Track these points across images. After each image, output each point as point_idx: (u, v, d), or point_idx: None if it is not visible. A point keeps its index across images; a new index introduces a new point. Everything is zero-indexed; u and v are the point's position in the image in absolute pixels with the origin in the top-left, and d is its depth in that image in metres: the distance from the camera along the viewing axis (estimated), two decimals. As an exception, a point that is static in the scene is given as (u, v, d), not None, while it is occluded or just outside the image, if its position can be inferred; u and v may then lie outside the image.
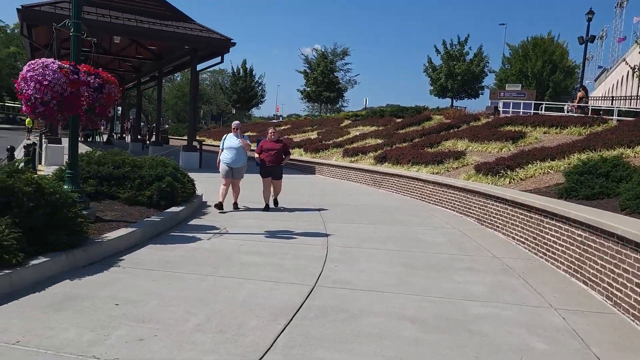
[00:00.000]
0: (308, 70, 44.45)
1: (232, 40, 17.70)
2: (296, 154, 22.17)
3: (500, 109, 26.29)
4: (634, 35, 51.49)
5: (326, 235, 7.61)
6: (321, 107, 47.59)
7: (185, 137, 40.39)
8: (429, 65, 39.41)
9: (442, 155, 14.33)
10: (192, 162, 18.18)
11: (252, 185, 11.47)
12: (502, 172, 11.00)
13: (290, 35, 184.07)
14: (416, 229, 8.55)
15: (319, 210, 10.08)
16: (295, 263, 5.84)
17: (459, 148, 15.74)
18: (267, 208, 9.92)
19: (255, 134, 32.30)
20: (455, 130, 19.07)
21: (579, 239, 5.70)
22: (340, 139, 23.30)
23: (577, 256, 5.71)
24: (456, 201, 10.57)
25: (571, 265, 5.84)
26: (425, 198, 12.24)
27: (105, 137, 34.82)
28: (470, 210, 9.79)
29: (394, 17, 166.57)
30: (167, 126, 42.38)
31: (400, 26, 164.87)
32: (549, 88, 46.07)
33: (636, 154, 10.44)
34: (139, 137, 30.86)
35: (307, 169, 19.73)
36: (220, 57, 18.34)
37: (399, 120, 25.56)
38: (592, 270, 5.32)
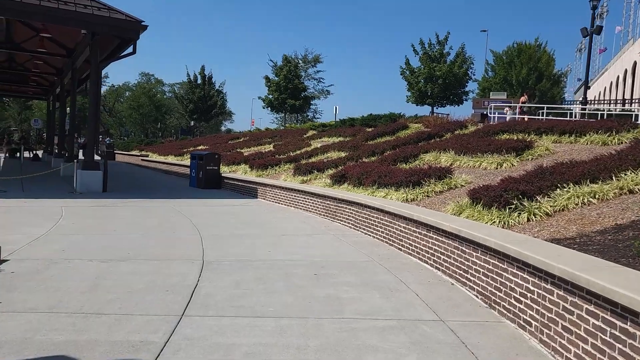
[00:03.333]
0: (270, 76, 40.07)
1: (142, 23, 13.41)
2: (240, 172, 17.83)
3: (495, 115, 22.45)
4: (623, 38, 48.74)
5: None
6: (285, 117, 43.19)
7: (135, 153, 35.89)
8: (406, 67, 35.20)
9: (420, 173, 10.14)
10: (92, 183, 13.72)
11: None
12: (515, 202, 6.81)
13: (269, 48, 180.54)
14: (373, 337, 4.24)
15: (201, 272, 5.72)
16: None
17: (443, 163, 11.65)
18: None
19: (207, 147, 27.95)
20: (437, 140, 15.01)
21: None
22: (297, 152, 19.06)
23: None
24: (445, 255, 6.34)
25: None
26: (394, 241, 7.99)
27: (36, 152, 30.05)
28: (478, 281, 5.52)
29: (370, 27, 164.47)
30: (109, 140, 37.68)
31: (377, 35, 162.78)
32: (535, 97, 42.84)
33: None
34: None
35: (248, 191, 15.40)
36: (131, 46, 14.02)
37: (370, 129, 21.46)
38: None
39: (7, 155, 30.74)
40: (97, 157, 15.51)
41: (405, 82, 35.70)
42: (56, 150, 24.81)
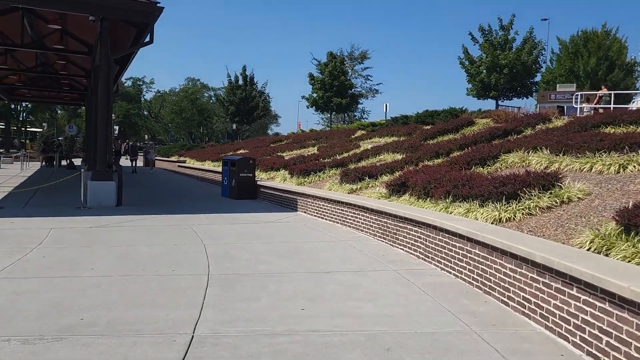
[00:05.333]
0: (315, 74, 37.44)
1: (158, 4, 11.23)
2: (278, 179, 15.43)
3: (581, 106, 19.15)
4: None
5: None
6: (331, 118, 40.51)
7: (173, 159, 34.30)
8: (465, 57, 31.57)
9: (516, 181, 7.35)
10: (104, 196, 11.64)
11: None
12: None
13: (313, 47, 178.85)
14: None
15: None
16: None
17: (534, 165, 8.90)
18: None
19: (246, 151, 25.84)
20: (517, 137, 12.13)
21: None
22: (343, 155, 16.49)
23: None
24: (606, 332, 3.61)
25: None
26: (496, 290, 5.27)
27: (71, 160, 28.86)
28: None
29: (418, 18, 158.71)
30: (150, 144, 36.29)
31: (429, 28, 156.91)
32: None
33: None
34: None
35: (287, 202, 12.97)
36: (148, 34, 11.88)
37: (428, 127, 18.64)
38: None
39: (43, 163, 29.76)
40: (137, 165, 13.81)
41: (465, 74, 32.18)
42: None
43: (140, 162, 29.55)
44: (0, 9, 14.95)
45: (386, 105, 30.45)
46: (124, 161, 27.72)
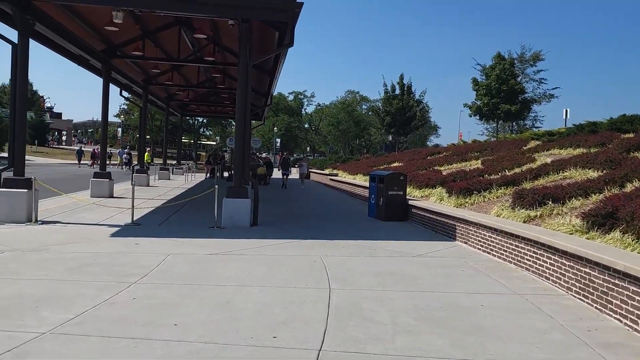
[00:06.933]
0: (479, 78, 33.80)
1: (296, 0, 9.94)
2: (434, 198, 13.16)
3: None
4: None
5: None
6: (497, 127, 36.21)
7: (327, 172, 33.62)
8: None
9: None
10: (239, 215, 10.66)
11: None
12: None
13: (476, 52, 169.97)
14: None
15: None
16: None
17: None
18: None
19: (400, 164, 23.86)
20: None
21: None
22: (515, 170, 13.61)
23: None
24: None
25: None
26: None
27: (231, 172, 29.71)
28: None
29: (601, 12, 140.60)
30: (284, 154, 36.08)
31: (609, 23, 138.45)
32: None
33: None
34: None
35: (443, 228, 10.70)
36: (287, 35, 10.69)
37: (629, 136, 14.77)
38: None
39: (208, 175, 31.21)
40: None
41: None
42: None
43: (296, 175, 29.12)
44: (160, 25, 15.26)
45: (566, 110, 25.95)
46: (277, 172, 27.48)
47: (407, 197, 13.46)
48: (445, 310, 5.32)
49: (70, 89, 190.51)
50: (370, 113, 67.79)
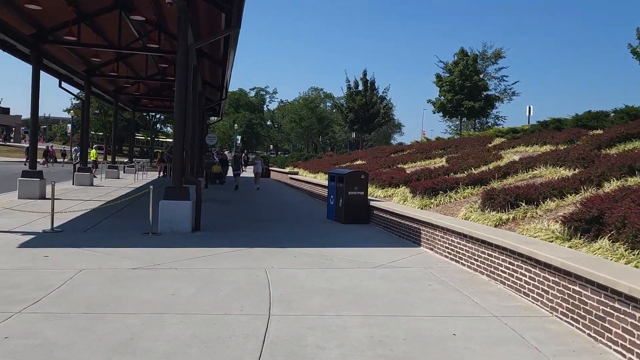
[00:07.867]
0: (442, 74, 33.22)
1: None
2: (397, 198, 12.19)
3: None
4: None
5: None
6: (460, 125, 35.78)
7: (287, 170, 32.40)
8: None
9: None
10: (178, 219, 9.39)
11: None
12: None
13: (440, 50, 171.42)
14: None
15: None
16: None
17: None
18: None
19: (363, 162, 22.94)
20: None
21: None
22: (481, 168, 12.82)
23: None
24: None
25: None
26: None
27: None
28: None
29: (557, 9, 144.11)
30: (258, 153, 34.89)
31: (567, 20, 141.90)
32: None
33: None
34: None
35: (406, 232, 9.72)
36: (236, 16, 9.46)
37: (599, 132, 14.24)
38: None
39: (161, 173, 29.53)
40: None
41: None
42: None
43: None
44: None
45: (529, 107, 25.62)
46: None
47: (369, 197, 12.45)
48: (409, 342, 4.28)
49: (18, 83, 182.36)
50: (334, 110, 66.82)
